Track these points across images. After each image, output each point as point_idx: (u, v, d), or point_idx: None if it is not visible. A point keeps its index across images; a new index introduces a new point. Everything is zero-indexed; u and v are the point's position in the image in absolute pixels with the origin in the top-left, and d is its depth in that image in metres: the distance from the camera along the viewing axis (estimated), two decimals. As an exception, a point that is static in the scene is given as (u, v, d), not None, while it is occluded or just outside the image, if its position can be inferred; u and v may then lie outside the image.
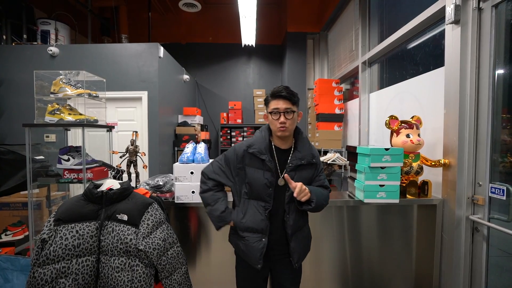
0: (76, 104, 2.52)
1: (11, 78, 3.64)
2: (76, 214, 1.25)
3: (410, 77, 2.37)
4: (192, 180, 1.79)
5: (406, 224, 1.98)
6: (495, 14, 1.61)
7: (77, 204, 1.29)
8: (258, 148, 1.39)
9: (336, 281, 2.02)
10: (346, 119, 3.99)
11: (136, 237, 1.25)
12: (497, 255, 1.66)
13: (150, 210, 1.34)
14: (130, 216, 1.28)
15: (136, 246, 1.24)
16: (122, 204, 1.31)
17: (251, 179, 1.39)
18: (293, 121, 1.38)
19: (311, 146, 1.48)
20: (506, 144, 1.62)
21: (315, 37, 5.06)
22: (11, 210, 3.01)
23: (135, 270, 1.24)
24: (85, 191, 1.33)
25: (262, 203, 1.38)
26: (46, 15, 4.46)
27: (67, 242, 1.20)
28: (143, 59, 3.69)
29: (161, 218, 1.37)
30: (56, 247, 1.19)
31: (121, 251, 1.24)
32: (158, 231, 1.32)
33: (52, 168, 2.39)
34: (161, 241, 1.30)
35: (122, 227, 1.26)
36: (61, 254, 1.19)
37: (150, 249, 1.25)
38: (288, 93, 1.35)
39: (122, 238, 1.24)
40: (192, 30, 5.90)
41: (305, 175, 1.42)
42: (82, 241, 1.23)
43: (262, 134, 1.45)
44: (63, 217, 1.24)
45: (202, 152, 2.29)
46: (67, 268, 1.19)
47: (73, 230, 1.22)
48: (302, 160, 1.40)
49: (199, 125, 4.84)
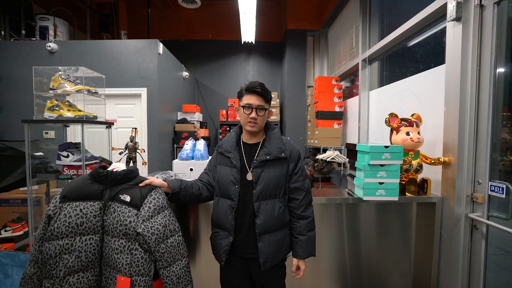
0: (75, 101, 2.51)
1: (10, 74, 3.62)
2: (81, 192, 1.26)
3: (411, 74, 2.37)
4: (191, 176, 1.80)
5: (405, 222, 1.98)
6: (497, 11, 1.60)
7: (83, 183, 1.29)
8: (225, 147, 1.46)
9: (334, 278, 2.02)
10: (345, 117, 3.99)
11: (136, 219, 1.24)
12: (496, 253, 1.66)
13: (154, 194, 1.31)
14: (133, 197, 1.27)
15: (135, 229, 1.22)
16: (126, 186, 1.31)
17: (219, 177, 1.45)
18: (264, 118, 1.41)
19: (281, 141, 1.44)
20: (506, 143, 1.62)
21: (315, 34, 5.05)
22: (11, 206, 3.01)
23: (133, 254, 1.22)
24: (91, 171, 1.33)
25: (229, 202, 1.40)
26: (45, 11, 4.44)
27: (70, 220, 1.21)
28: (142, 55, 3.68)
29: (163, 203, 1.33)
30: (60, 224, 1.20)
31: (121, 233, 1.23)
32: (159, 216, 1.29)
33: (52, 165, 2.39)
34: (161, 226, 1.27)
35: (124, 208, 1.25)
36: (65, 231, 1.20)
37: (149, 233, 1.23)
38: (263, 90, 1.37)
39: (122, 220, 1.23)
40: (192, 27, 5.87)
41: (274, 173, 1.39)
42: (85, 219, 1.23)
43: (232, 133, 1.52)
44: (69, 195, 1.25)
45: (201, 149, 2.29)
46: (70, 245, 1.21)
47: (77, 209, 1.23)
48: (267, 156, 1.39)
49: (198, 122, 4.83)
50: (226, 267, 1.46)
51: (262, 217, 1.36)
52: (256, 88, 1.37)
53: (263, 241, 1.37)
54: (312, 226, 1.47)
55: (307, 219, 1.44)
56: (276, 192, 1.40)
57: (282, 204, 1.41)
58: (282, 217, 1.41)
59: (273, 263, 1.39)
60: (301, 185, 1.44)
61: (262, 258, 1.36)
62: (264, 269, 1.37)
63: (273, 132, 1.47)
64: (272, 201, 1.39)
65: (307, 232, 1.43)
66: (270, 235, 1.38)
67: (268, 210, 1.37)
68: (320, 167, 3.43)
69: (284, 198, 1.43)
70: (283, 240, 1.42)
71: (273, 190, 1.38)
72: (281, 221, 1.41)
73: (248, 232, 1.39)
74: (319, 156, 3.37)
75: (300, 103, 4.95)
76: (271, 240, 1.38)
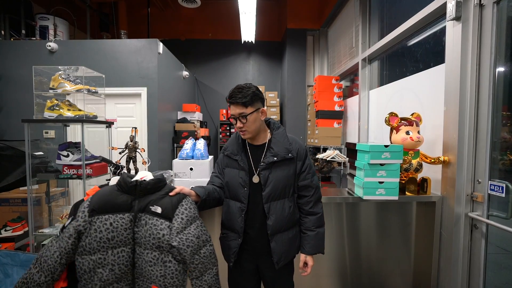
0: (75, 100, 2.51)
1: (10, 73, 3.62)
2: (109, 204, 1.22)
3: (410, 74, 2.37)
4: (191, 176, 1.80)
5: (405, 221, 1.99)
6: (497, 11, 1.59)
7: (111, 194, 1.25)
8: (231, 150, 1.45)
9: (334, 277, 2.02)
10: (345, 116, 3.99)
11: (170, 232, 1.20)
12: (496, 252, 1.66)
13: (185, 204, 1.27)
14: (164, 208, 1.23)
15: (169, 242, 1.19)
16: (156, 196, 1.26)
17: (228, 179, 1.44)
18: (251, 123, 1.35)
19: (287, 141, 1.42)
20: (506, 142, 1.62)
21: (315, 33, 5.04)
22: (11, 206, 3.01)
23: (167, 266, 1.20)
24: (118, 181, 1.28)
25: (238, 204, 1.40)
26: (45, 11, 4.43)
27: (101, 235, 1.19)
28: (142, 55, 3.67)
29: (195, 213, 1.30)
30: (91, 239, 1.18)
31: (154, 246, 1.21)
32: (192, 226, 1.25)
33: (52, 164, 2.39)
34: (195, 238, 1.23)
35: (155, 220, 1.22)
36: (96, 247, 1.18)
37: (184, 246, 1.20)
38: (240, 98, 1.31)
39: (154, 233, 1.20)
40: (192, 26, 5.87)
41: (282, 174, 1.38)
42: (116, 233, 1.21)
43: (236, 134, 1.49)
44: (97, 208, 1.21)
45: (201, 148, 2.30)
46: (103, 259, 1.19)
47: (107, 223, 1.20)
48: (275, 157, 1.37)
49: (198, 121, 4.83)
50: (234, 267, 1.47)
51: (273, 218, 1.36)
52: (232, 97, 1.33)
53: (275, 241, 1.37)
54: (321, 223, 1.45)
55: (316, 215, 1.44)
56: (285, 192, 1.39)
57: (291, 203, 1.41)
58: (292, 216, 1.42)
59: (285, 261, 1.41)
60: (310, 182, 1.43)
61: (275, 258, 1.37)
62: (277, 267, 1.38)
63: (279, 131, 1.45)
64: (282, 201, 1.38)
65: (315, 228, 1.42)
66: (282, 235, 1.39)
67: (279, 210, 1.37)
68: (320, 166, 3.43)
69: (293, 197, 1.43)
70: (294, 238, 1.44)
71: (282, 190, 1.38)
72: (291, 220, 1.42)
73: (259, 233, 1.39)
74: (319, 156, 3.38)
75: (300, 103, 4.95)
76: (283, 239, 1.39)
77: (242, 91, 1.32)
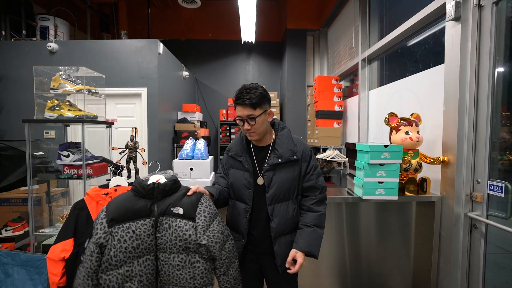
0: (76, 100, 2.52)
1: (10, 74, 3.63)
2: (129, 211, 1.17)
3: (410, 74, 2.37)
4: (191, 176, 1.80)
5: (405, 221, 1.99)
6: (496, 11, 1.60)
7: (128, 201, 1.21)
8: (235, 151, 1.44)
9: (334, 277, 2.03)
10: (345, 116, 3.99)
11: (196, 231, 1.18)
12: (495, 252, 1.67)
13: (204, 202, 1.26)
14: (186, 209, 1.21)
15: (197, 242, 1.17)
16: (174, 197, 1.24)
17: (233, 180, 1.44)
18: (260, 125, 1.33)
19: (292, 143, 1.40)
20: (505, 142, 1.62)
21: (315, 34, 5.05)
22: (11, 206, 3.01)
23: (196, 267, 1.18)
24: (134, 186, 1.24)
25: (243, 205, 1.40)
26: (45, 11, 4.44)
27: (126, 244, 1.13)
28: (142, 55, 3.68)
29: (215, 209, 1.28)
30: (116, 251, 1.11)
31: (180, 248, 1.18)
32: (214, 223, 1.24)
33: (52, 164, 2.39)
34: (220, 233, 1.23)
35: (179, 222, 1.19)
36: (123, 258, 1.13)
37: (213, 243, 1.19)
38: (248, 99, 1.28)
39: (180, 235, 1.17)
40: (192, 27, 5.87)
41: (286, 175, 1.36)
42: (140, 241, 1.16)
43: (240, 135, 1.48)
44: (116, 217, 1.15)
45: (201, 148, 2.30)
46: (130, 272, 1.14)
47: (129, 231, 1.14)
48: (279, 159, 1.36)
49: (198, 121, 4.84)
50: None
51: (277, 221, 1.35)
52: (240, 99, 1.30)
53: (278, 243, 1.37)
54: (321, 223, 1.39)
55: (317, 212, 1.39)
56: (289, 194, 1.38)
57: (295, 205, 1.40)
58: (296, 219, 1.41)
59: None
60: (314, 183, 1.41)
61: (278, 261, 1.36)
62: (281, 270, 1.36)
63: (283, 132, 1.43)
64: (285, 203, 1.37)
65: (313, 224, 1.37)
66: (285, 237, 1.38)
67: (282, 213, 1.36)
68: (320, 166, 3.43)
69: (297, 199, 1.42)
70: None
71: (286, 192, 1.37)
72: (295, 222, 1.41)
73: (262, 234, 1.39)
74: (319, 156, 3.38)
75: (300, 103, 4.95)
76: (287, 242, 1.38)
77: (250, 91, 1.30)
